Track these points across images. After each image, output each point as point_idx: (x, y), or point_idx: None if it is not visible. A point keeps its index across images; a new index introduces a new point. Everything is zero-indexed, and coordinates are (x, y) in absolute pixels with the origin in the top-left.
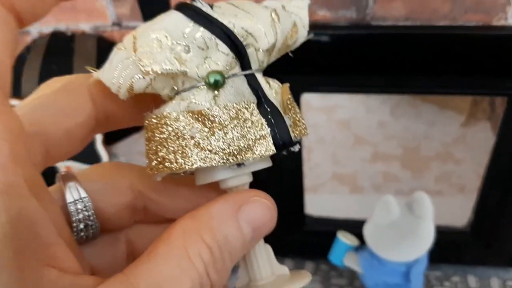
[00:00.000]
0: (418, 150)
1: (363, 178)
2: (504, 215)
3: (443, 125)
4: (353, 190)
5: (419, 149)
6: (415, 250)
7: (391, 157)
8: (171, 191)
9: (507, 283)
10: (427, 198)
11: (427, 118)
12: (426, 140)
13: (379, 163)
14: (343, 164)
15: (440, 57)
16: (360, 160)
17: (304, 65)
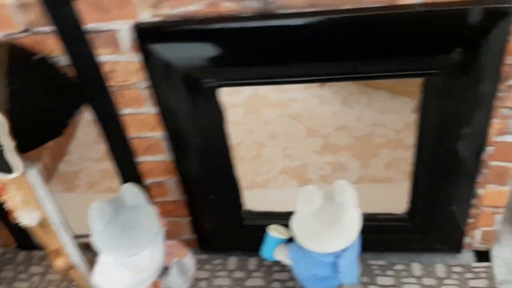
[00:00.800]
0: (368, 139)
1: (312, 170)
2: (438, 199)
3: (395, 112)
4: (301, 183)
5: (369, 138)
6: (340, 239)
7: (341, 148)
8: None
9: (453, 269)
10: (347, 186)
11: (379, 105)
12: (377, 128)
13: (328, 154)
14: (293, 157)
15: (348, 42)
16: (311, 152)
17: (215, 59)
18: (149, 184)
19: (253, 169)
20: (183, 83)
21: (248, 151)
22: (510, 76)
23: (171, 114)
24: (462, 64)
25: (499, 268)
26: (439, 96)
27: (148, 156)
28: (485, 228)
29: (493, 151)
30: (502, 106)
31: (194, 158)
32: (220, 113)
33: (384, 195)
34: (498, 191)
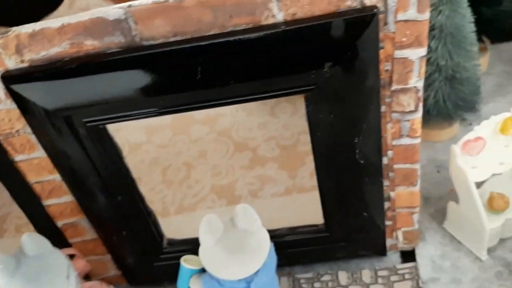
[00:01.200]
0: (295, 147)
1: (241, 186)
2: (349, 207)
3: None
4: (230, 201)
5: (296, 146)
6: (247, 265)
7: (269, 159)
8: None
9: (379, 273)
10: (248, 209)
11: (304, 113)
12: (303, 136)
13: (257, 167)
14: (222, 175)
15: (221, 67)
16: (240, 168)
17: (88, 98)
18: (63, 226)
19: (182, 192)
20: (63, 125)
21: (177, 174)
22: (391, 81)
23: (61, 156)
24: (336, 77)
25: (424, 266)
26: (322, 110)
27: (54, 199)
28: (405, 229)
29: (394, 154)
30: (391, 111)
31: (95, 198)
32: (114, 149)
33: (312, 205)
34: (408, 192)
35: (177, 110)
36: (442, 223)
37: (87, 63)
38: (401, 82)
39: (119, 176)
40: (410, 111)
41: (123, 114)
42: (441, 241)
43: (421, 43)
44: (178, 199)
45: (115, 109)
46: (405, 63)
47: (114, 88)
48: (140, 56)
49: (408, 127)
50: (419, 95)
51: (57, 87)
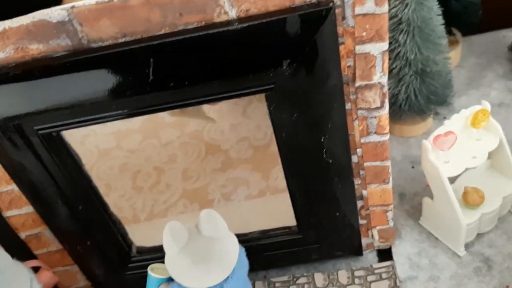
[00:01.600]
0: (267, 148)
1: (214, 190)
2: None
3: None
4: (203, 206)
5: (268, 147)
6: (215, 273)
7: (242, 161)
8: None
9: (356, 273)
10: (213, 215)
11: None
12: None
13: (230, 170)
14: (194, 179)
15: (171, 67)
16: (212, 171)
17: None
18: (26, 237)
19: (152, 198)
20: (14, 134)
21: (147, 180)
22: (355, 77)
23: (16, 167)
24: (296, 75)
25: (401, 265)
26: (284, 109)
27: (14, 210)
28: (380, 227)
29: (363, 152)
30: (357, 108)
31: (55, 208)
32: (71, 158)
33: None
34: (381, 189)
35: (131, 114)
36: (418, 220)
37: (33, 68)
38: (365, 78)
39: (79, 185)
40: (376, 108)
41: (77, 120)
42: (417, 238)
43: (382, 37)
44: (149, 205)
45: (68, 115)
46: (367, 58)
47: (64, 93)
48: (88, 58)
49: (375, 124)
50: (384, 91)
51: (4, 94)
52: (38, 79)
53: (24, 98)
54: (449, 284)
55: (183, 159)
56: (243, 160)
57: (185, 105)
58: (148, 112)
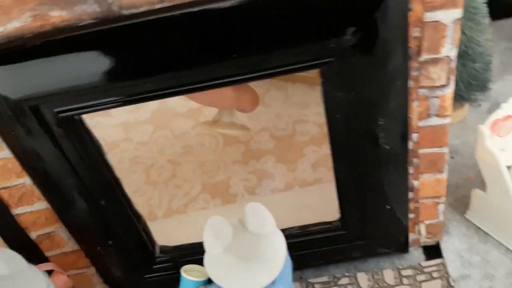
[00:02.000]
0: (291, 138)
1: (236, 183)
2: (370, 199)
3: (316, 104)
4: (225, 200)
5: (292, 137)
6: (263, 274)
7: (264, 152)
8: None
9: (403, 272)
10: (260, 208)
11: (298, 100)
12: (299, 125)
13: (252, 162)
14: (213, 172)
15: (217, 38)
16: (232, 163)
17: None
18: (37, 237)
19: (169, 193)
20: (30, 118)
21: (161, 173)
22: (420, 50)
23: (31, 156)
24: (359, 46)
25: (451, 262)
26: (341, 87)
27: (25, 207)
28: (429, 221)
29: (419, 137)
30: (418, 86)
31: (74, 203)
32: (93, 145)
33: (316, 200)
34: (435, 180)
35: (169, 93)
36: (464, 213)
37: (55, 40)
38: (432, 51)
39: (101, 176)
40: (440, 86)
41: (103, 101)
42: (466, 233)
43: (455, 3)
44: (166, 201)
45: (93, 96)
46: (438, 27)
47: (89, 69)
48: (119, 27)
49: (437, 104)
50: (452, 66)
51: (20, 71)
52: (60, 53)
53: (43, 75)
54: (506, 282)
55: (199, 151)
56: (264, 152)
57: (231, 83)
58: (189, 90)
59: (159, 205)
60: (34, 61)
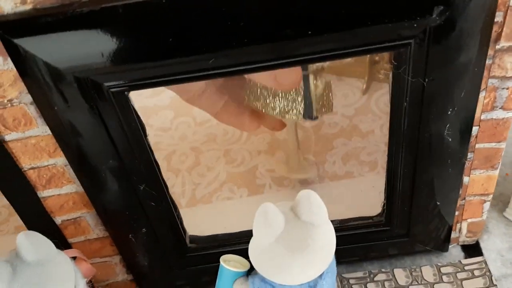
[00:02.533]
0: (319, 129)
1: (262, 173)
2: (420, 193)
3: (344, 95)
4: (252, 191)
5: (320, 128)
6: (313, 266)
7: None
8: None
9: (443, 270)
10: (314, 197)
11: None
12: (327, 116)
13: (278, 152)
14: (239, 161)
15: (297, 12)
16: (258, 152)
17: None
18: (62, 223)
19: (192, 182)
20: (77, 90)
21: (184, 161)
22: (500, 37)
23: (70, 133)
24: (444, 27)
25: (492, 261)
26: (416, 72)
27: (53, 189)
28: (472, 219)
29: (479, 131)
30: (490, 77)
31: (111, 186)
32: (137, 124)
33: (348, 195)
34: (486, 176)
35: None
36: (502, 211)
37: (113, 7)
38: (511, 39)
39: (143, 159)
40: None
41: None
42: (506, 232)
43: None
44: (189, 190)
45: (146, 71)
46: None
47: (143, 39)
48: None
49: (505, 96)
50: None
51: (72, 40)
52: (115, 22)
53: (97, 45)
54: None
55: (223, 140)
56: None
57: (297, 63)
58: (253, 70)
59: (182, 193)
60: (89, 30)
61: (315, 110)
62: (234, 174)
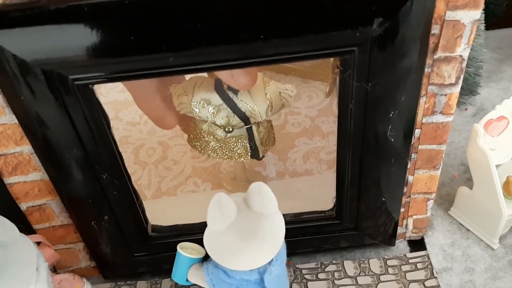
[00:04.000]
0: (283, 129)
1: (226, 169)
2: (368, 190)
3: (308, 97)
4: (216, 185)
5: (284, 127)
6: (263, 253)
7: None
8: None
9: (389, 262)
10: (265, 189)
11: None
12: (292, 117)
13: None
14: (204, 157)
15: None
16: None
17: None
18: (27, 209)
19: (158, 175)
20: (44, 83)
21: (151, 155)
22: (437, 47)
23: (36, 123)
24: (383, 37)
25: (435, 255)
26: (360, 77)
27: (19, 176)
28: (417, 216)
29: (421, 133)
30: (429, 83)
31: (75, 174)
32: (101, 117)
33: (306, 191)
34: (429, 176)
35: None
36: (448, 210)
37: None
38: (447, 49)
39: (106, 149)
40: (449, 84)
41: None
42: (449, 229)
43: (477, 4)
44: (155, 182)
45: (112, 66)
46: (456, 26)
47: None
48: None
49: (443, 102)
50: (463, 66)
51: (40, 34)
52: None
53: (65, 39)
54: (484, 276)
55: None
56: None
57: (250, 64)
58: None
59: (148, 185)
60: (56, 25)
61: (261, 152)
62: (199, 169)
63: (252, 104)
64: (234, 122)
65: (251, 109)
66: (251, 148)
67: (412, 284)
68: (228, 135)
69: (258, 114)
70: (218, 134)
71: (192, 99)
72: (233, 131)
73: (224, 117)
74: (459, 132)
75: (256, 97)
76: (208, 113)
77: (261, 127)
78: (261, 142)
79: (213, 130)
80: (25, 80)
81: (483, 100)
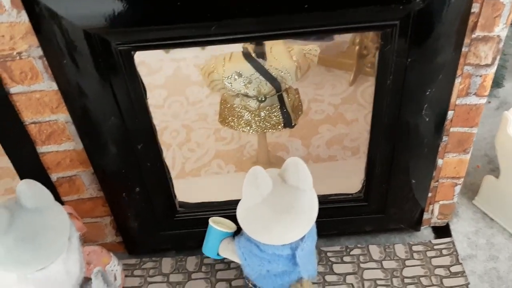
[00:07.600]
0: (305, 115)
1: (250, 153)
2: (397, 174)
3: (331, 86)
4: (239, 168)
5: (307, 114)
6: (297, 228)
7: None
8: None
9: (414, 248)
10: (301, 164)
11: (314, 80)
12: (315, 104)
13: (266, 134)
14: (227, 140)
15: None
16: (246, 134)
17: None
18: (58, 180)
19: (183, 156)
20: (87, 47)
21: (175, 137)
22: (475, 26)
23: (76, 90)
24: (425, 12)
25: (459, 243)
26: (400, 52)
27: (52, 146)
28: (443, 202)
29: (454, 115)
30: (465, 64)
31: (110, 145)
32: (140, 85)
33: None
34: (458, 160)
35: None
36: (472, 199)
37: None
38: (486, 29)
39: (142, 120)
40: (485, 65)
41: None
42: (473, 217)
43: None
44: (179, 163)
45: (157, 32)
46: (496, 5)
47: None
48: None
49: (478, 83)
50: (500, 46)
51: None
52: None
53: (110, 5)
54: (508, 264)
55: (213, 120)
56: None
57: (291, 35)
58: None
59: (172, 166)
60: None
61: (293, 119)
62: (223, 152)
63: (282, 67)
64: (265, 91)
65: (281, 73)
66: (283, 116)
67: (437, 269)
68: (261, 105)
69: (289, 76)
70: (251, 106)
71: (223, 74)
72: (266, 101)
73: (256, 87)
74: (482, 124)
75: (283, 61)
76: (240, 85)
77: (290, 94)
78: (292, 110)
79: (245, 103)
80: (70, 44)
81: (506, 94)
